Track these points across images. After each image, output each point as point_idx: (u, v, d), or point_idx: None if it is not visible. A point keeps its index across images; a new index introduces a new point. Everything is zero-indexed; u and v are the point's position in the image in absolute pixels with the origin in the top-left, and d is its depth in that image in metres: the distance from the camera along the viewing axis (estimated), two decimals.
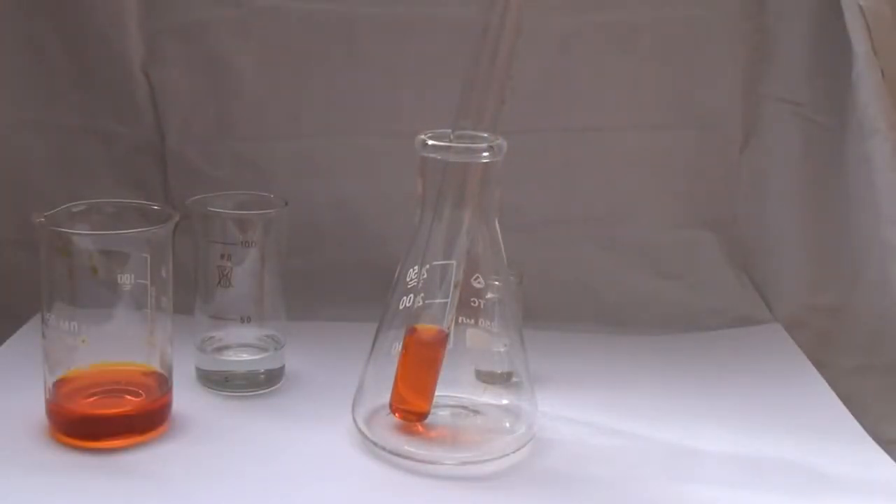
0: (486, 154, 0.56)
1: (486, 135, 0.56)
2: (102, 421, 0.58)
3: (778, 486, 0.57)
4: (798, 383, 0.72)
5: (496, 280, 0.59)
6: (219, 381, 0.66)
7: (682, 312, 0.83)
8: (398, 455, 0.57)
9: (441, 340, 0.58)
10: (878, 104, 0.75)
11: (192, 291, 0.66)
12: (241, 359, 0.67)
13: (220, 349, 0.67)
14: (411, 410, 0.59)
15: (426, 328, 0.58)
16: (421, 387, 0.59)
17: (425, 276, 0.58)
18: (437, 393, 0.59)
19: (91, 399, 0.58)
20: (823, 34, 0.79)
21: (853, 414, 0.67)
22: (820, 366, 0.75)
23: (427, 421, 0.59)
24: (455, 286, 0.57)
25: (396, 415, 0.60)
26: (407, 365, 0.59)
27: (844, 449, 0.62)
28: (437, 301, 0.58)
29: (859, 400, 0.70)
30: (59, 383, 0.58)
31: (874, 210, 0.77)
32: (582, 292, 0.84)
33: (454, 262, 0.57)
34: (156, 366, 0.60)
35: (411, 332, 0.58)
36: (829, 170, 0.81)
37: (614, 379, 0.72)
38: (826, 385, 0.71)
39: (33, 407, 0.59)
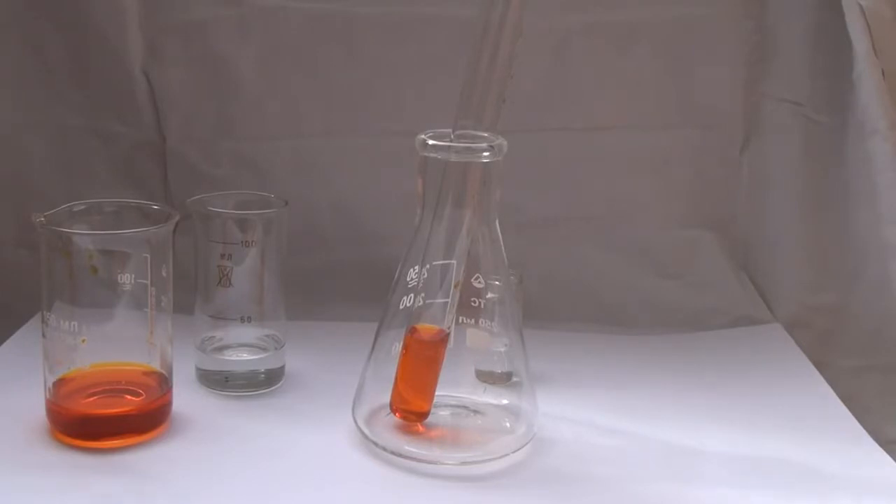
0: (486, 154, 0.56)
1: (486, 134, 0.56)
2: (102, 421, 0.58)
3: (778, 486, 0.57)
4: (798, 383, 0.72)
5: (496, 280, 0.59)
6: (219, 381, 0.66)
7: (682, 312, 0.83)
8: (398, 455, 0.57)
9: (441, 340, 0.58)
10: (879, 104, 0.75)
11: (192, 291, 0.66)
12: (241, 359, 0.67)
13: (220, 349, 0.67)
14: (411, 410, 0.59)
15: (426, 328, 0.58)
16: (421, 387, 0.59)
17: (425, 275, 0.58)
18: (437, 393, 0.59)
19: (91, 399, 0.58)
20: (823, 34, 0.79)
21: (853, 414, 0.66)
22: (820, 366, 0.75)
23: (427, 421, 0.59)
24: (455, 286, 0.57)
25: (397, 415, 0.60)
26: (407, 365, 0.59)
27: (844, 449, 0.62)
28: (438, 301, 0.58)
29: (859, 400, 0.70)
30: (59, 383, 0.58)
31: (874, 210, 0.77)
32: (582, 292, 0.84)
33: (454, 262, 0.57)
34: (156, 366, 0.60)
35: (412, 331, 0.58)
36: (829, 170, 0.81)
37: (614, 379, 0.72)
38: (826, 385, 0.71)
39: (33, 407, 0.59)
